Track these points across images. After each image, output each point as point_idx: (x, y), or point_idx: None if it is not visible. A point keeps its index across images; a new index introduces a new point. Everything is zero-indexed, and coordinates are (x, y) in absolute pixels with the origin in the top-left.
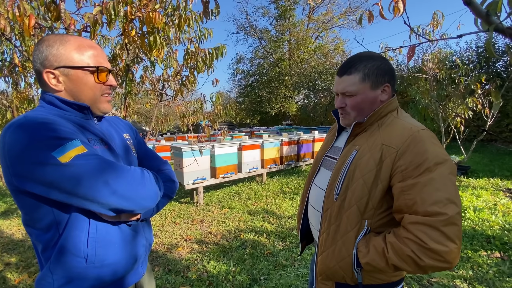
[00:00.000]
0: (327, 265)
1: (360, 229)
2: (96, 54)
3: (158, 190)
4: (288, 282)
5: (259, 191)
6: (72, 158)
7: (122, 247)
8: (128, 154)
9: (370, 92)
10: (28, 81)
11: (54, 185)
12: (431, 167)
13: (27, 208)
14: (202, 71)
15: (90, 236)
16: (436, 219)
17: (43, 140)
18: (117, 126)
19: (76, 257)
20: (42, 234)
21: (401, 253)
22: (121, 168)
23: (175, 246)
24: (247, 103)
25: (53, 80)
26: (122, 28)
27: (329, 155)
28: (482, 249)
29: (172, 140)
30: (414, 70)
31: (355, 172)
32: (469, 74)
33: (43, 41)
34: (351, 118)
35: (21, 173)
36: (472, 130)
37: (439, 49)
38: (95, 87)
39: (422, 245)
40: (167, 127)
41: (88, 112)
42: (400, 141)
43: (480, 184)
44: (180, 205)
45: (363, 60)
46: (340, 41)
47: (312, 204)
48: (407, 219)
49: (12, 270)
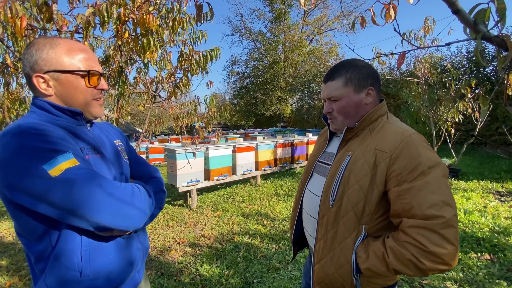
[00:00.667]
0: (325, 273)
1: (358, 234)
2: (87, 57)
3: (147, 209)
4: (282, 285)
5: (253, 193)
6: (62, 171)
7: (116, 256)
8: (120, 161)
9: (354, 95)
10: (19, 82)
11: (42, 198)
12: (425, 171)
13: (19, 219)
14: (196, 73)
15: (83, 249)
16: (435, 222)
17: (34, 151)
18: (108, 132)
19: (70, 271)
20: (35, 245)
21: (402, 257)
22: (111, 186)
23: (168, 249)
24: (242, 104)
25: (43, 84)
26: (116, 29)
27: (321, 161)
28: (472, 251)
29: (166, 142)
30: (407, 74)
31: (350, 177)
32: (459, 78)
33: (33, 44)
34: (338, 122)
35: (11, 183)
36: (462, 133)
37: (431, 54)
38: (86, 91)
39: (422, 248)
40: (161, 129)
41: (81, 118)
42: (393, 145)
43: (470, 186)
44: (173, 208)
45: (345, 66)
46: (334, 45)
47: (307, 211)
48: (405, 223)
49: (3, 273)
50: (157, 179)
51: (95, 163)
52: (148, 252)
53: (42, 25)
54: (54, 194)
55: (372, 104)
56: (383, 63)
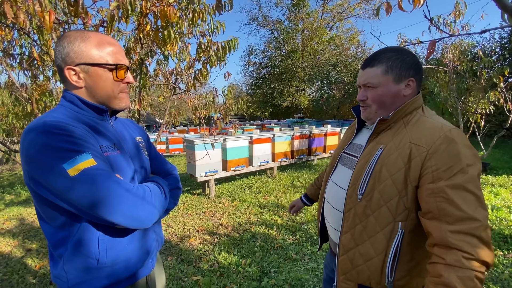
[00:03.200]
0: (353, 265)
1: (393, 232)
2: (116, 51)
3: (159, 208)
4: (298, 276)
5: (270, 184)
6: (80, 171)
7: (132, 245)
8: (140, 155)
9: (392, 85)
10: (46, 75)
11: (61, 195)
12: (464, 169)
13: (42, 207)
14: (215, 65)
15: (100, 238)
16: (472, 226)
17: (57, 150)
18: (130, 128)
19: (88, 259)
20: (55, 232)
21: (467, 280)
22: (125, 187)
23: (188, 236)
24: (259, 95)
25: (74, 76)
26: (137, 22)
27: (347, 152)
28: (498, 248)
29: (185, 132)
30: (433, 62)
31: (382, 171)
32: (491, 66)
33: (65, 37)
34: (372, 111)
35: (35, 178)
36: (492, 125)
37: (461, 40)
38: (114, 84)
39: (468, 257)
40: (180, 120)
41: (105, 114)
42: (431, 140)
43: (499, 181)
44: (192, 197)
45: (387, 52)
46: (355, 32)
47: (330, 203)
48: (441, 229)
49: (33, 256)
50: (174, 176)
51: (114, 160)
52: (163, 242)
53: (67, 19)
54: (72, 192)
55: (410, 96)
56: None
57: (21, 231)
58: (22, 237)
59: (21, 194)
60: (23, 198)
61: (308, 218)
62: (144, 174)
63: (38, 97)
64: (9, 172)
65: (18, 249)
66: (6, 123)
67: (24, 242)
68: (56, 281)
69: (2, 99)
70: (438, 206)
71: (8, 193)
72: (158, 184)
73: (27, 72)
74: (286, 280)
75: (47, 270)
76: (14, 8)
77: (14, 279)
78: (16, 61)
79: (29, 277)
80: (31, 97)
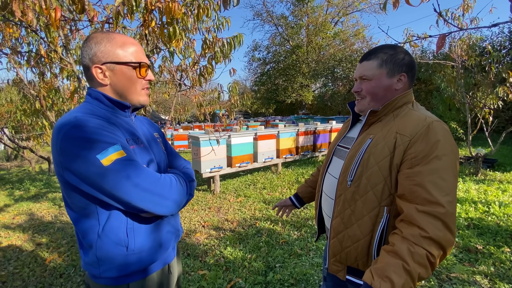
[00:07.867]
0: (342, 247)
1: (379, 216)
2: (138, 50)
3: (182, 198)
4: (303, 271)
5: (274, 181)
6: (112, 161)
7: (156, 234)
8: (159, 151)
9: (385, 79)
10: (53, 72)
11: (95, 183)
12: (439, 156)
13: (72, 198)
14: (220, 61)
15: (128, 226)
16: (437, 210)
17: (90, 142)
18: (148, 125)
19: (118, 246)
20: (83, 221)
21: (418, 256)
22: (153, 176)
23: (194, 231)
24: (263, 91)
25: (100, 74)
26: (142, 19)
27: (341, 145)
28: (505, 245)
29: (189, 129)
30: (440, 57)
31: (369, 159)
32: (500, 61)
33: (91, 38)
34: (365, 103)
35: (69, 168)
36: (501, 121)
37: (469, 35)
38: (137, 81)
39: (426, 236)
40: (185, 116)
41: (128, 110)
42: (415, 130)
43: (507, 178)
44: (198, 193)
45: (384, 48)
46: (361, 27)
47: (326, 192)
48: (408, 208)
49: (43, 250)
50: (189, 170)
51: (139, 153)
52: (181, 234)
53: (73, 16)
54: (105, 180)
55: (401, 91)
56: (415, 46)
57: (30, 226)
58: (32, 231)
59: (30, 190)
60: (32, 194)
61: (313, 214)
62: (164, 167)
63: (46, 94)
64: (18, 168)
65: (28, 243)
66: (14, 120)
67: (34, 236)
68: (87, 268)
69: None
70: (411, 189)
71: (18, 189)
72: (178, 175)
73: (35, 69)
74: (292, 275)
75: (57, 264)
76: (22, 6)
77: (25, 273)
78: (24, 58)
79: (39, 271)
80: (39, 94)
